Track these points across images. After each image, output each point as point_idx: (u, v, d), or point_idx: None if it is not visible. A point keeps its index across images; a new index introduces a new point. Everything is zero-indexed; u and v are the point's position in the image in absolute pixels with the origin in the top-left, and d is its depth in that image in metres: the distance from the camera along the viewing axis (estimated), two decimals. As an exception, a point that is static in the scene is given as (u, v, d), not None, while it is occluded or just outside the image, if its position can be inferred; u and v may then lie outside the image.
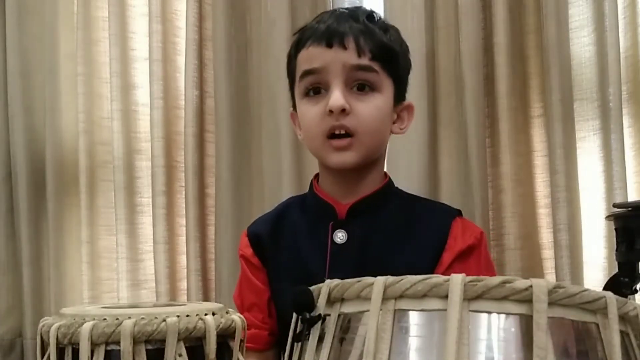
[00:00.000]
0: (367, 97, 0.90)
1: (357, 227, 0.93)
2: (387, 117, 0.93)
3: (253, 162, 1.40)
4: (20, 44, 1.51)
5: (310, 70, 0.91)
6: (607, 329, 0.50)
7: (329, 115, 0.88)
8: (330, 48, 0.89)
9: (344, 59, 0.88)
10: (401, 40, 0.97)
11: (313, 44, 0.90)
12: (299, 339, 0.56)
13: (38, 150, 1.51)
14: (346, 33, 0.89)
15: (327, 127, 0.89)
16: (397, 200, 0.98)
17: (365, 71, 0.89)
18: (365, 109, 0.89)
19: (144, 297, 1.45)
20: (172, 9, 1.47)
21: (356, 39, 0.88)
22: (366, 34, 0.89)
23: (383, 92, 0.91)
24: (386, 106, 0.92)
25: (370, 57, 0.89)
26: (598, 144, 1.19)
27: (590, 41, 1.21)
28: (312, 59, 0.91)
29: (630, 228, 0.81)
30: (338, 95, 0.87)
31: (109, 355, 0.56)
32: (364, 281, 0.52)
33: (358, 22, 0.90)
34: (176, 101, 1.46)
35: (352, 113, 0.88)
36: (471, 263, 0.91)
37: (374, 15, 0.94)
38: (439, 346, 0.47)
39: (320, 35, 0.90)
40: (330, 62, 0.89)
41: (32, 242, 1.50)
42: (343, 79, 0.89)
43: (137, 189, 1.48)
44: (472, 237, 0.92)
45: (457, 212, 0.98)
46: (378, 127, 0.91)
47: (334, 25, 0.90)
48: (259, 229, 1.02)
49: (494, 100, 1.25)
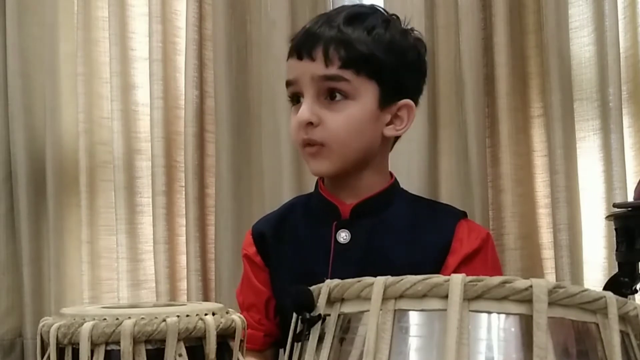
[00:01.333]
0: (339, 106, 0.89)
1: (361, 228, 0.93)
2: (367, 123, 0.90)
3: (253, 162, 1.41)
4: (20, 44, 1.51)
5: (288, 80, 0.93)
6: (607, 329, 0.50)
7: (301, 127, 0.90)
8: (300, 60, 0.89)
9: (312, 71, 0.88)
10: (393, 37, 0.91)
11: (290, 56, 0.92)
12: (299, 339, 0.56)
13: (38, 150, 1.51)
14: (315, 43, 0.88)
15: (301, 138, 0.91)
16: (402, 201, 0.97)
17: (334, 81, 0.88)
18: (336, 119, 0.88)
19: (144, 297, 1.45)
20: (172, 9, 1.47)
21: (325, 49, 0.87)
22: (337, 41, 0.87)
23: (358, 99, 0.89)
24: (364, 112, 0.89)
25: (340, 65, 0.87)
26: (598, 144, 1.19)
27: (590, 41, 1.21)
28: (289, 71, 0.93)
29: (630, 228, 0.81)
30: (304, 108, 0.89)
31: (109, 355, 0.56)
32: (364, 281, 0.52)
33: (333, 28, 0.88)
34: (176, 101, 1.46)
35: (322, 124, 0.89)
36: (477, 266, 0.90)
37: (358, 16, 0.90)
38: (439, 346, 0.47)
39: (294, 46, 0.91)
40: (301, 74, 0.90)
41: (32, 242, 1.50)
42: (313, 90, 0.89)
43: (137, 189, 1.48)
44: (477, 239, 0.92)
45: (463, 214, 0.97)
46: (351, 135, 0.89)
47: (307, 34, 0.90)
48: (263, 227, 1.02)
49: (494, 100, 1.25)
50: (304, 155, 0.93)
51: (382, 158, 0.97)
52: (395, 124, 0.93)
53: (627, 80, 1.19)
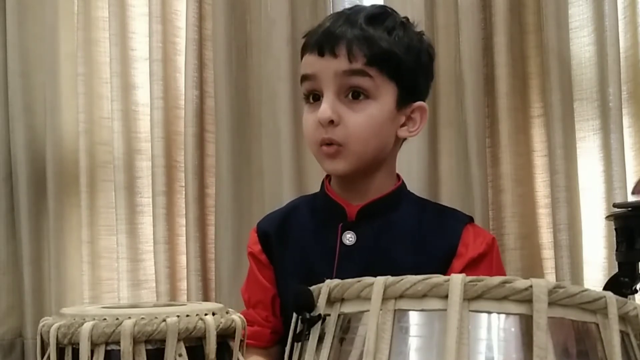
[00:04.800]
0: (360, 106, 0.89)
1: (367, 230, 0.93)
2: (385, 124, 0.90)
3: (253, 162, 1.40)
4: (20, 44, 1.51)
5: (306, 75, 0.92)
6: (607, 329, 0.50)
7: (320, 126, 0.89)
8: (322, 57, 0.89)
9: (334, 67, 0.88)
10: (411, 38, 0.92)
11: (309, 51, 0.91)
12: (299, 339, 0.56)
13: (38, 150, 1.51)
14: (338, 40, 0.88)
15: (319, 137, 0.90)
16: (409, 204, 0.97)
17: (358, 76, 0.88)
18: (357, 119, 0.88)
19: (144, 297, 1.45)
20: (172, 9, 1.47)
21: (348, 46, 0.87)
22: (360, 39, 0.87)
23: (379, 99, 0.89)
24: (383, 113, 0.90)
25: (364, 62, 0.87)
26: (598, 144, 1.19)
27: (590, 41, 1.21)
28: (307, 66, 0.92)
29: (630, 228, 0.81)
30: (325, 107, 0.88)
31: (109, 355, 0.57)
32: (364, 281, 0.52)
33: (355, 26, 0.88)
34: (176, 101, 1.46)
35: (342, 123, 0.88)
36: (482, 270, 0.90)
37: (378, 16, 0.91)
38: (439, 346, 0.47)
39: (314, 43, 0.90)
40: (322, 71, 0.89)
41: (33, 242, 1.50)
42: (335, 88, 0.88)
43: (137, 189, 1.48)
44: (483, 244, 0.91)
45: (469, 218, 0.97)
46: (370, 136, 0.89)
47: (328, 32, 0.89)
48: (268, 226, 1.01)
49: (494, 100, 1.25)
50: (320, 155, 0.92)
51: (392, 160, 0.97)
52: (408, 126, 0.94)
53: (627, 80, 1.19)
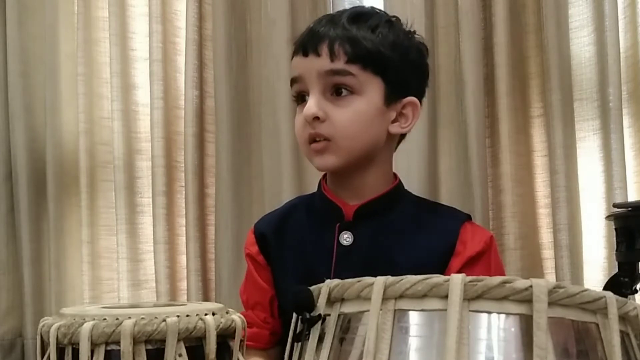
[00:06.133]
0: (345, 102, 0.89)
1: (364, 230, 0.93)
2: (374, 119, 0.91)
3: (253, 162, 1.40)
4: (21, 44, 1.51)
5: (294, 78, 0.93)
6: (607, 329, 0.50)
7: (307, 124, 0.90)
8: (306, 57, 0.90)
9: (317, 67, 0.89)
10: (397, 35, 0.92)
11: (295, 54, 0.93)
12: (299, 339, 0.56)
13: (38, 150, 1.51)
14: (320, 40, 0.89)
15: (307, 135, 0.91)
16: (406, 203, 0.97)
17: (340, 75, 0.89)
18: (343, 114, 0.89)
19: (144, 297, 1.45)
20: (172, 9, 1.47)
21: (330, 45, 0.88)
22: (343, 38, 0.88)
23: (365, 94, 0.89)
24: (370, 108, 0.90)
25: (346, 60, 0.88)
26: (598, 144, 1.19)
27: (590, 41, 1.21)
28: (294, 68, 0.93)
29: (630, 228, 0.81)
30: (310, 103, 0.89)
31: (109, 355, 0.57)
32: (364, 281, 0.52)
33: (337, 26, 0.90)
34: (176, 101, 1.46)
35: (328, 120, 0.89)
36: (480, 268, 0.90)
37: (361, 15, 0.92)
38: (439, 346, 0.47)
39: (299, 45, 0.92)
40: (307, 71, 0.90)
41: (33, 242, 1.50)
42: (319, 87, 0.89)
43: (137, 189, 1.48)
44: (481, 242, 0.91)
45: (467, 216, 0.97)
46: (358, 130, 0.90)
47: (311, 32, 0.91)
48: (265, 227, 1.01)
49: (494, 100, 1.25)
50: (309, 152, 0.92)
51: (387, 157, 0.97)
52: (400, 122, 0.94)
53: (627, 80, 1.19)
